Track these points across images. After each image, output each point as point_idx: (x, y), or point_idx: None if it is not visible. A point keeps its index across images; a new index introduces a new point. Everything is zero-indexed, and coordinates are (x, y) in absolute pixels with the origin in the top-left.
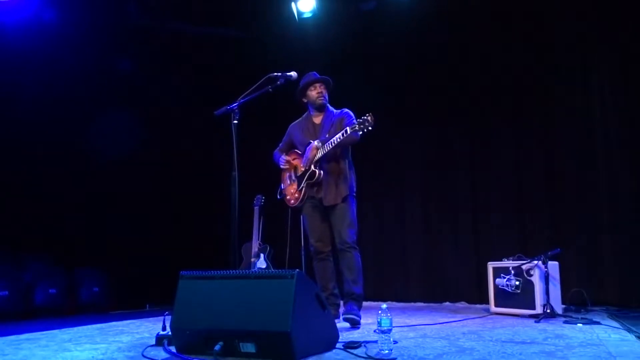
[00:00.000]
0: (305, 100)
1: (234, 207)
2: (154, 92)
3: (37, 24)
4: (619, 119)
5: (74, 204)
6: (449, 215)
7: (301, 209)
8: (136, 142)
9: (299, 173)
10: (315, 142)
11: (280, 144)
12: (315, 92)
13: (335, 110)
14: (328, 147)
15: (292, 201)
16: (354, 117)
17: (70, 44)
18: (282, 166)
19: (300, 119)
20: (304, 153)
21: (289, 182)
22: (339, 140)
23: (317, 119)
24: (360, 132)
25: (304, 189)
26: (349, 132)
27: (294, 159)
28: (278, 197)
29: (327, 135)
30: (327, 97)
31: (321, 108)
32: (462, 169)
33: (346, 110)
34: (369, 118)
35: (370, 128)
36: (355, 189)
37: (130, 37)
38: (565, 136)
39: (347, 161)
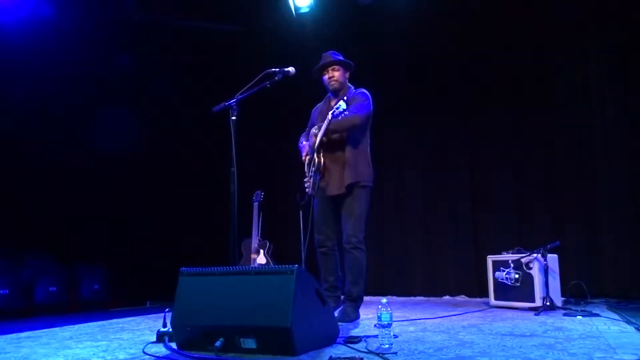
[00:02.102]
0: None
1: (233, 203)
2: (153, 88)
3: (34, 21)
4: (619, 112)
5: (74, 201)
6: (449, 209)
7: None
8: (135, 138)
9: (307, 161)
10: (314, 129)
11: (306, 129)
12: (327, 77)
13: (354, 90)
14: (322, 133)
15: (307, 190)
16: (367, 97)
17: (68, 41)
18: (303, 158)
19: (322, 101)
20: None
21: (306, 169)
22: (325, 126)
23: (333, 102)
24: (340, 117)
25: (312, 177)
26: (329, 117)
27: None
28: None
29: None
30: (342, 80)
31: (335, 92)
32: (462, 163)
33: (361, 90)
34: (341, 102)
35: (346, 113)
36: (369, 179)
37: (128, 33)
38: (565, 130)
39: (354, 147)
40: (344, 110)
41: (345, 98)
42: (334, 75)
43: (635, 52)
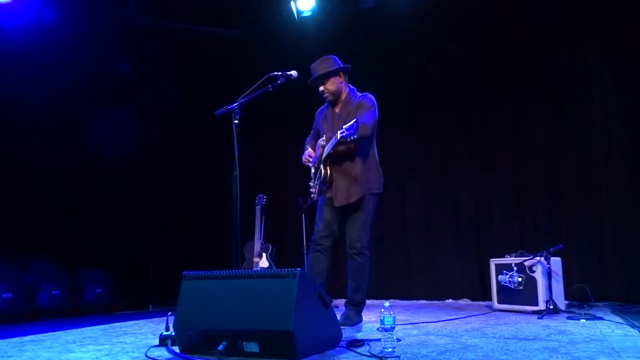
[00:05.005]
0: None
1: (236, 206)
2: (154, 91)
3: (37, 25)
4: (619, 114)
5: (76, 205)
6: (451, 212)
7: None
8: (137, 142)
9: (313, 170)
10: (321, 140)
11: (311, 132)
12: (320, 90)
13: (358, 94)
14: (329, 147)
15: (313, 195)
16: (373, 103)
17: (70, 45)
18: (303, 161)
19: (325, 104)
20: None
21: (312, 176)
22: (334, 143)
23: (337, 108)
24: (349, 139)
25: (317, 185)
26: (338, 137)
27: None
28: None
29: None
30: (337, 88)
31: (332, 103)
32: (463, 166)
33: (366, 95)
34: (353, 123)
35: (355, 137)
36: (378, 186)
37: (129, 37)
38: (565, 132)
39: (364, 160)
40: (353, 131)
41: (356, 119)
42: (326, 89)
43: (635, 52)
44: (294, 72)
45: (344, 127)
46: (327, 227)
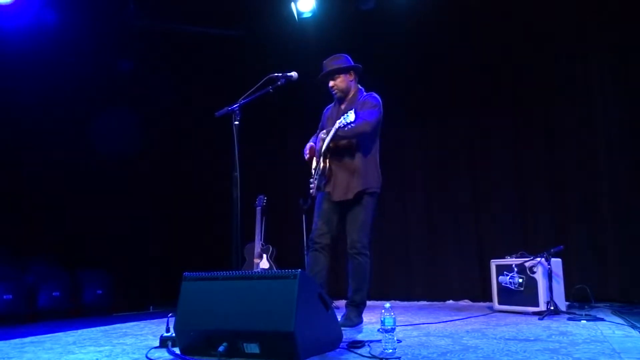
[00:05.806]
0: None
1: (236, 207)
2: (154, 92)
3: (37, 26)
4: (619, 114)
5: (76, 206)
6: (451, 213)
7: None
8: (137, 142)
9: (314, 164)
10: (322, 134)
11: (317, 130)
12: (329, 86)
13: (364, 94)
14: (329, 139)
15: (312, 191)
16: (377, 102)
17: (70, 45)
18: (306, 157)
19: (333, 102)
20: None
21: (313, 172)
22: (333, 134)
23: (343, 105)
24: (348, 127)
25: (316, 180)
26: (337, 126)
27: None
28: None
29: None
30: (346, 86)
31: (340, 100)
32: (463, 167)
33: (372, 95)
34: (350, 113)
35: (352, 124)
36: (377, 185)
37: (130, 38)
38: (566, 132)
39: (365, 156)
40: (352, 122)
41: (354, 109)
42: (335, 85)
43: (635, 52)
44: (294, 73)
45: (343, 116)
46: (325, 224)
